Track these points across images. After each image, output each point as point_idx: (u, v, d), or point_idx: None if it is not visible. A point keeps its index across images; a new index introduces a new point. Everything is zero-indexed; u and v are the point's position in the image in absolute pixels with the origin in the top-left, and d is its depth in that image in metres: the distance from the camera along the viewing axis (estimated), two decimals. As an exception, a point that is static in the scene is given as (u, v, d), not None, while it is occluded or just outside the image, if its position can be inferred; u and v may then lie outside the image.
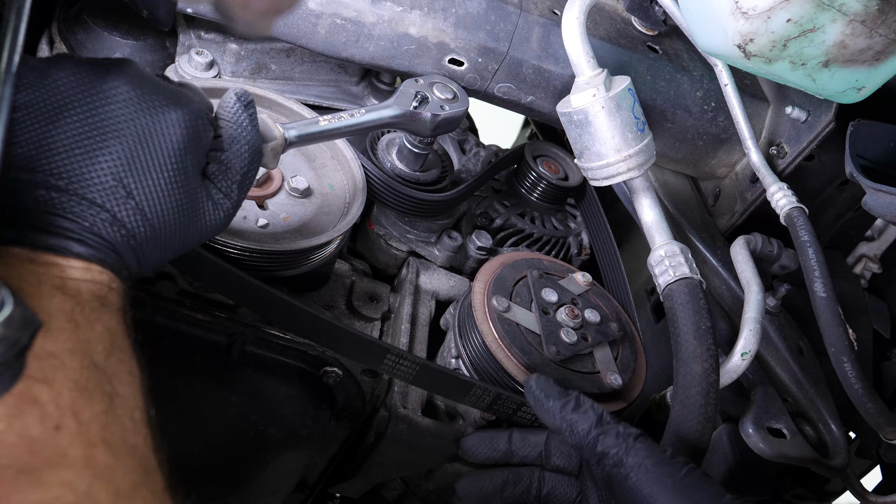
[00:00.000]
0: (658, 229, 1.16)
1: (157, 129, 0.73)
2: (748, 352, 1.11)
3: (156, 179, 0.72)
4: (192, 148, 0.76)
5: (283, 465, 1.14)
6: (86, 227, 0.69)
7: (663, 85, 1.33)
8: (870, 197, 1.13)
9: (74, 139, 0.69)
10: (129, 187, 0.71)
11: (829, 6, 0.93)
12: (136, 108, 0.72)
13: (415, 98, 1.13)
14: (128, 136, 0.71)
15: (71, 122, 0.69)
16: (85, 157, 0.69)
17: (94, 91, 0.71)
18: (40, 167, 0.67)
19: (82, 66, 0.72)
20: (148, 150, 0.72)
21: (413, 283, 1.31)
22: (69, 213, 0.68)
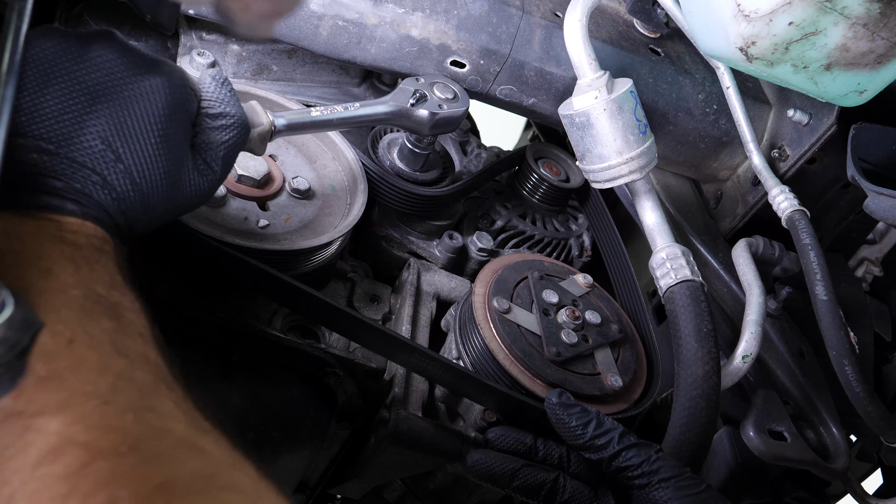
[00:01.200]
0: (660, 232, 1.16)
1: (142, 94, 0.75)
2: (749, 354, 1.11)
3: (143, 144, 0.74)
4: (177, 115, 0.78)
5: (283, 467, 1.14)
6: (77, 189, 0.70)
7: (665, 87, 1.33)
8: (871, 200, 1.13)
9: (63, 105, 0.71)
10: (117, 151, 0.72)
11: (831, 9, 0.93)
12: (122, 75, 0.74)
13: (412, 95, 1.13)
14: (114, 101, 0.73)
15: (59, 88, 0.71)
16: (74, 122, 0.71)
17: (80, 58, 0.73)
18: (31, 132, 0.69)
19: (68, 36, 0.74)
20: (134, 115, 0.74)
21: (414, 285, 1.31)
22: (61, 174, 0.70)
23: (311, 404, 1.12)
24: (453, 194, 1.30)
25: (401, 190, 1.24)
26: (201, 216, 1.03)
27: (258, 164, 1.09)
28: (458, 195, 1.34)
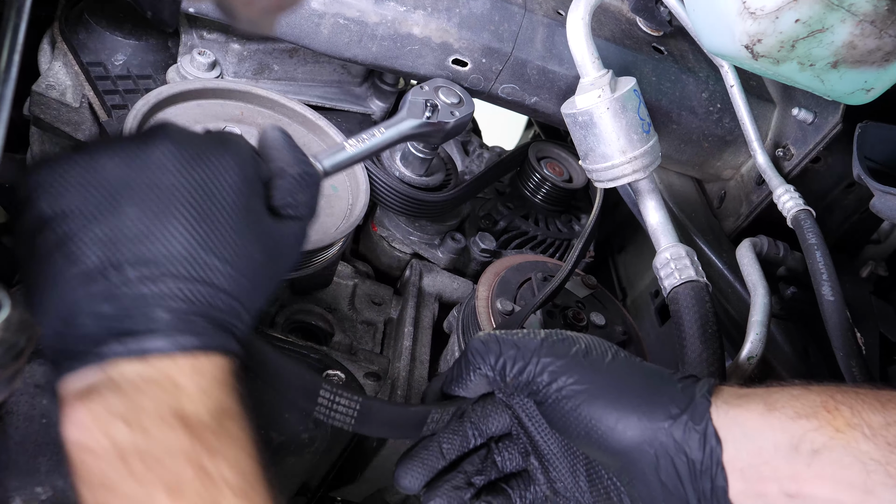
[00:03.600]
0: (663, 231, 1.15)
1: (213, 180, 0.72)
2: (754, 355, 1.10)
3: (229, 230, 0.71)
4: (251, 186, 0.75)
5: (285, 470, 1.13)
6: (185, 310, 0.67)
7: (669, 86, 1.32)
8: (878, 199, 1.12)
9: (143, 223, 0.67)
10: (211, 247, 0.70)
11: (838, 6, 0.92)
12: (187, 168, 0.71)
13: (426, 108, 1.12)
14: (189, 199, 0.70)
15: (133, 207, 0.67)
16: (160, 237, 0.67)
17: (143, 168, 0.69)
18: (119, 261, 0.66)
19: (124, 147, 0.71)
20: (213, 204, 0.71)
21: (416, 286, 1.30)
22: (164, 300, 0.66)
23: (312, 406, 1.11)
24: (457, 198, 1.30)
25: (405, 196, 1.23)
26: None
27: (259, 164, 1.09)
28: (462, 199, 1.33)
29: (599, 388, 0.82)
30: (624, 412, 0.80)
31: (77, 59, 1.24)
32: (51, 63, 1.26)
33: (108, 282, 0.64)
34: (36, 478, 0.93)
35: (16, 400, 0.93)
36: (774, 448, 0.76)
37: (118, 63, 1.27)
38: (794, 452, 0.75)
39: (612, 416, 0.81)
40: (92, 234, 0.65)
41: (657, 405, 0.80)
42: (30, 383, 0.94)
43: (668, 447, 0.79)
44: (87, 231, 0.65)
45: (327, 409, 0.84)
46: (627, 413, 0.80)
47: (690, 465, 0.78)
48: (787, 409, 0.77)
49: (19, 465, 0.92)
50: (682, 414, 0.79)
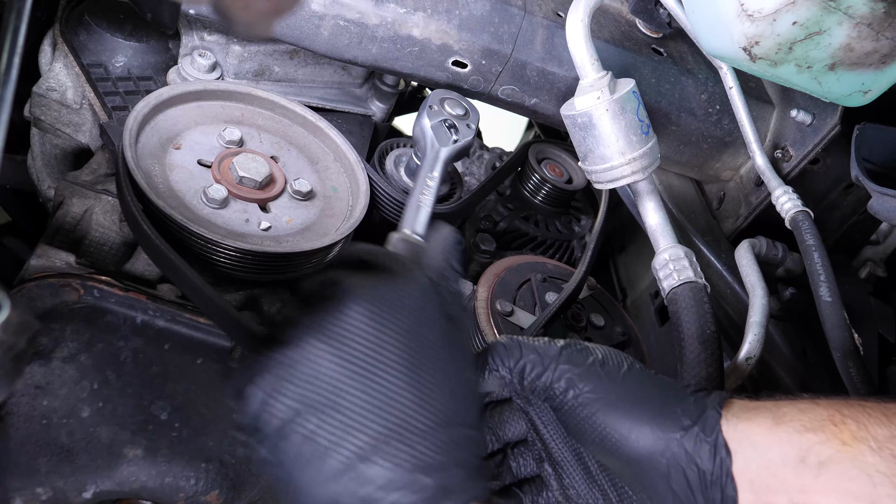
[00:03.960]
0: (662, 233, 1.15)
1: (417, 333, 0.76)
2: (753, 356, 1.10)
3: (445, 385, 0.75)
4: (442, 324, 0.79)
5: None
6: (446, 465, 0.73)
7: (668, 88, 1.32)
8: (875, 201, 1.13)
9: (369, 403, 0.71)
10: (441, 413, 0.74)
11: (835, 9, 0.92)
12: (387, 333, 0.74)
13: (451, 132, 1.13)
14: (402, 363, 0.73)
15: (356, 391, 0.71)
16: (389, 415, 0.71)
17: (349, 347, 0.73)
18: (363, 448, 0.70)
19: (321, 327, 0.74)
20: (425, 362, 0.75)
21: (416, 287, 1.30)
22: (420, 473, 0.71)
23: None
24: (463, 208, 1.29)
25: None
26: (203, 219, 1.02)
27: (259, 166, 1.09)
28: (468, 209, 1.32)
29: (614, 398, 0.83)
30: (637, 422, 0.82)
31: (78, 60, 1.25)
32: (51, 64, 1.26)
33: (359, 469, 0.68)
34: (36, 478, 0.93)
35: (16, 401, 0.93)
36: (783, 460, 0.77)
37: (119, 64, 1.27)
38: (801, 465, 0.75)
39: (625, 425, 0.82)
40: (332, 425, 0.69)
41: (670, 416, 0.81)
42: (30, 384, 0.94)
43: (679, 457, 0.80)
44: (327, 423, 0.69)
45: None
46: (641, 423, 0.82)
47: (701, 475, 0.79)
48: (794, 422, 0.78)
49: (19, 466, 0.92)
50: (693, 425, 0.80)
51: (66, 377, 0.97)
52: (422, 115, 1.15)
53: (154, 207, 0.98)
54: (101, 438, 0.97)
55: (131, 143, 1.03)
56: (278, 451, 0.71)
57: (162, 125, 1.10)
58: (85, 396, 0.97)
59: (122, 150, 1.01)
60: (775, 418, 0.79)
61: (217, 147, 1.12)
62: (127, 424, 0.99)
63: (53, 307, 0.98)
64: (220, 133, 1.13)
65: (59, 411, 0.95)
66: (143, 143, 1.06)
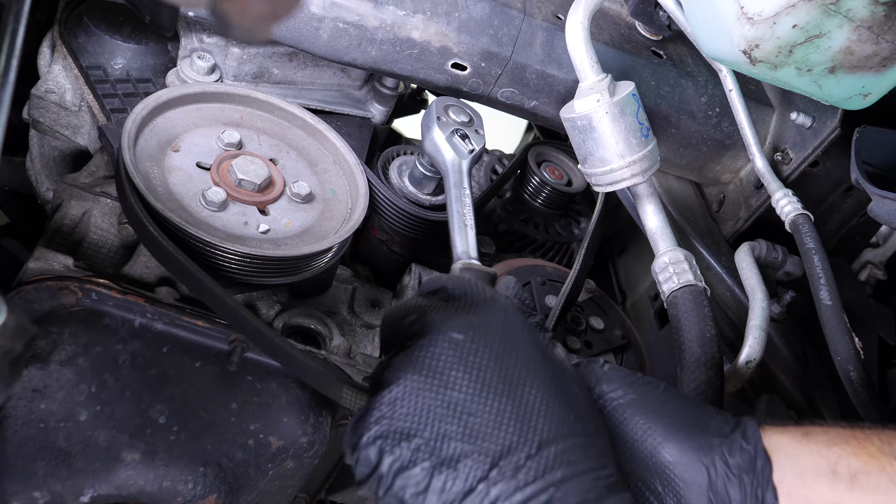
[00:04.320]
0: (662, 236, 1.15)
1: (517, 355, 0.77)
2: (753, 359, 1.10)
3: (553, 406, 0.75)
4: (541, 348, 0.80)
5: (284, 473, 1.13)
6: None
7: (667, 90, 1.32)
8: (875, 204, 1.12)
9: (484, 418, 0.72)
10: (555, 428, 0.74)
11: (835, 12, 0.92)
12: (496, 365, 0.75)
13: (464, 142, 1.13)
14: (509, 379, 0.74)
15: (480, 406, 0.72)
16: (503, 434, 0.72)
17: (445, 382, 0.73)
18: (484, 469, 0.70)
19: (422, 370, 0.74)
20: (525, 378, 0.75)
21: (415, 289, 1.30)
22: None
23: (311, 411, 1.11)
24: None
25: (415, 218, 1.22)
26: (201, 222, 1.02)
27: (258, 169, 1.09)
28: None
29: (655, 404, 0.83)
30: (677, 427, 0.81)
31: (76, 62, 1.24)
32: (50, 66, 1.26)
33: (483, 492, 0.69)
34: (33, 482, 0.93)
35: (13, 404, 0.93)
36: (815, 471, 0.76)
37: (117, 66, 1.27)
38: (833, 476, 0.75)
39: (665, 430, 0.81)
40: (448, 455, 0.70)
41: (708, 424, 0.81)
42: (27, 388, 0.94)
43: (718, 464, 0.79)
44: (443, 453, 0.70)
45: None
46: (680, 428, 0.81)
47: (741, 482, 0.79)
48: (821, 436, 0.78)
49: (17, 470, 0.92)
50: (733, 432, 0.80)
51: (63, 380, 0.96)
52: (431, 129, 1.14)
53: (153, 210, 0.98)
54: (98, 442, 0.97)
55: (130, 145, 1.02)
56: (404, 493, 0.71)
57: (161, 127, 1.10)
58: (83, 400, 0.97)
59: (121, 152, 1.01)
60: (803, 432, 0.79)
61: (216, 149, 1.12)
62: (125, 428, 0.99)
63: (51, 310, 0.98)
64: (219, 135, 1.13)
65: (56, 415, 0.95)
66: (142, 146, 1.06)
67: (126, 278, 1.07)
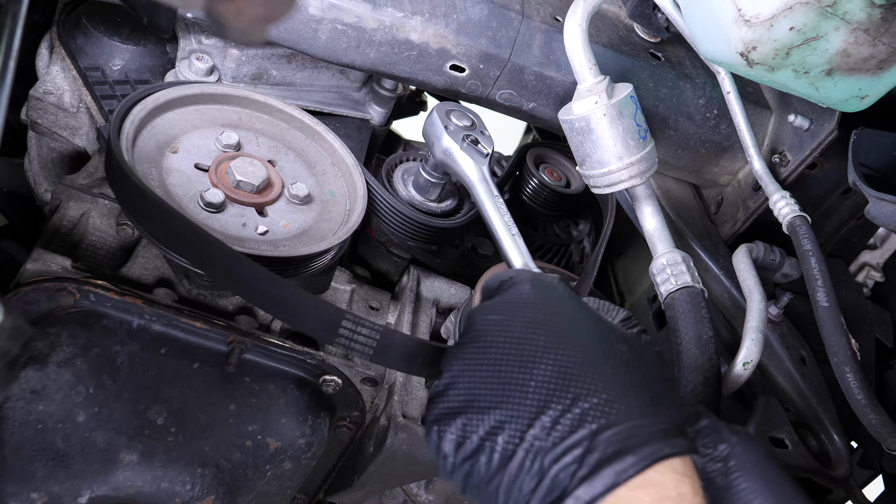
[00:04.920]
0: (660, 237, 1.15)
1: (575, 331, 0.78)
2: (750, 361, 1.10)
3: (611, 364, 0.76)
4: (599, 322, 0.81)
5: (282, 475, 1.13)
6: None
7: (665, 92, 1.32)
8: (873, 206, 1.13)
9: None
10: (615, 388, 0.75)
11: (832, 14, 0.92)
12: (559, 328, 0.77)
13: (477, 147, 1.13)
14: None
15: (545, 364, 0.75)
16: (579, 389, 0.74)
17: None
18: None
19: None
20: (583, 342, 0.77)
21: (414, 291, 1.30)
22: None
23: (309, 412, 1.11)
24: (470, 223, 1.28)
25: (414, 223, 1.21)
26: (200, 223, 1.02)
27: (257, 170, 1.09)
28: (473, 223, 1.31)
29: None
30: None
31: (75, 63, 1.25)
32: (48, 67, 1.26)
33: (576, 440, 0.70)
34: (31, 484, 0.93)
35: (11, 406, 0.93)
36: None
37: (116, 68, 1.27)
38: None
39: None
40: (496, 419, 0.72)
41: None
42: (25, 389, 0.94)
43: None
44: (491, 417, 0.73)
45: (348, 339, 0.85)
46: None
47: None
48: None
49: (15, 471, 0.92)
50: None
51: (61, 382, 0.97)
52: (442, 139, 1.13)
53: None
54: (96, 443, 0.97)
55: (128, 146, 1.02)
56: (463, 468, 0.73)
57: (159, 129, 1.10)
58: (80, 401, 0.97)
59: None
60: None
61: (214, 151, 1.12)
62: (123, 429, 0.99)
63: (49, 311, 0.98)
64: (218, 137, 1.13)
65: (54, 416, 0.95)
66: (141, 147, 1.06)
67: (124, 279, 1.07)
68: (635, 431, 0.71)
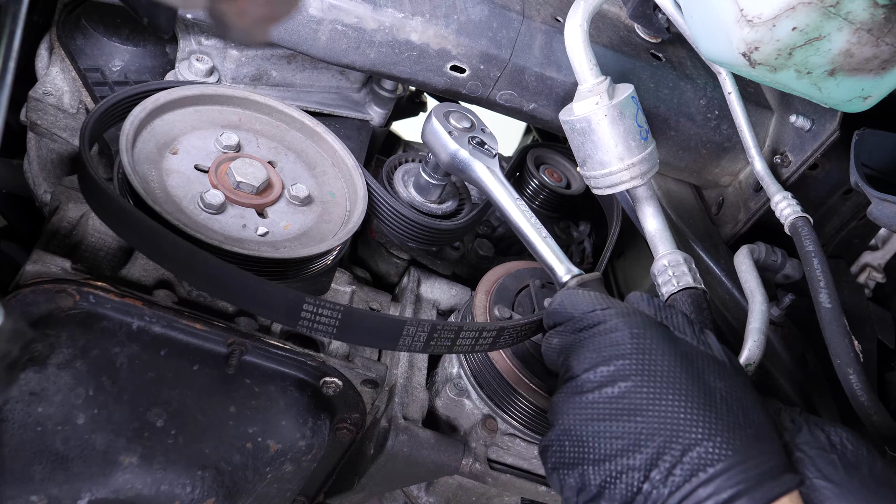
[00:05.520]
0: (661, 238, 1.15)
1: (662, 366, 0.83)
2: (752, 362, 1.10)
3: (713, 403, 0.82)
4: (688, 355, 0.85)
5: (282, 477, 1.13)
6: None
7: (666, 93, 1.32)
8: (875, 207, 1.12)
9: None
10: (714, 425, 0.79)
11: (835, 14, 0.92)
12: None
13: (482, 149, 1.13)
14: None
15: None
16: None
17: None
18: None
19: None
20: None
21: (414, 292, 1.30)
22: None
23: (309, 414, 1.11)
24: (470, 224, 1.28)
25: (415, 224, 1.21)
26: (200, 225, 1.02)
27: (257, 171, 1.09)
28: (474, 224, 1.30)
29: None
30: None
31: (74, 64, 1.24)
32: (48, 68, 1.26)
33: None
34: (30, 486, 0.92)
35: (10, 408, 0.92)
36: None
37: (116, 69, 1.27)
38: None
39: None
40: (611, 469, 0.78)
41: None
42: (25, 391, 0.93)
43: None
44: (607, 467, 0.79)
45: (310, 321, 0.86)
46: None
47: None
48: None
49: (14, 473, 0.92)
50: None
51: (61, 383, 0.96)
52: (445, 142, 1.12)
53: (151, 213, 0.97)
54: (96, 445, 0.97)
55: (128, 147, 1.02)
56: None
57: (159, 130, 1.09)
58: (80, 403, 0.97)
59: (119, 155, 1.01)
60: None
61: (214, 152, 1.11)
62: (122, 431, 0.99)
63: (49, 313, 0.97)
64: (218, 138, 1.12)
65: (53, 418, 0.95)
66: (140, 148, 1.05)
67: (124, 281, 1.07)
68: (746, 474, 0.75)
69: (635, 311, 0.88)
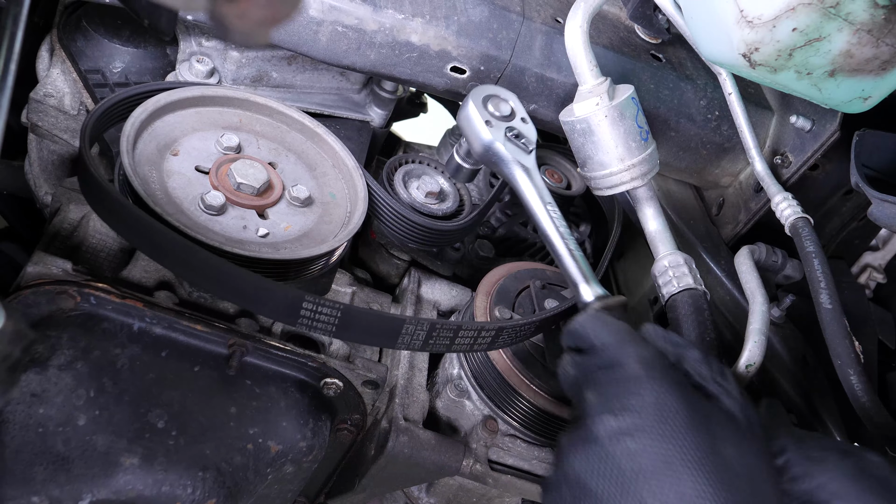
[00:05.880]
0: (662, 239, 1.15)
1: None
2: (753, 363, 1.10)
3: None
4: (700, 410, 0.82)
5: (283, 478, 1.13)
6: None
7: (667, 94, 1.32)
8: (875, 207, 1.12)
9: None
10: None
11: (835, 15, 0.92)
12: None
13: (519, 143, 1.06)
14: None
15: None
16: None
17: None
18: None
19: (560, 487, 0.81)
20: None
21: (414, 293, 1.30)
22: None
23: (310, 415, 1.11)
24: (471, 225, 1.28)
25: (414, 225, 1.21)
26: (200, 226, 1.02)
27: (257, 172, 1.09)
28: (475, 226, 1.30)
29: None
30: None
31: (75, 66, 1.24)
32: (49, 70, 1.26)
33: None
34: (31, 487, 0.92)
35: (12, 409, 0.92)
36: None
37: (116, 70, 1.27)
38: None
39: None
40: None
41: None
42: (26, 392, 0.94)
43: None
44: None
45: (310, 319, 0.85)
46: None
47: None
48: None
49: (15, 475, 0.92)
50: None
51: (62, 385, 0.96)
52: (479, 133, 1.04)
53: (152, 214, 0.97)
54: (97, 447, 0.97)
55: (129, 149, 1.02)
56: None
57: (160, 131, 1.09)
58: (81, 404, 0.97)
59: (120, 156, 1.01)
60: None
61: (215, 153, 1.11)
62: (123, 432, 0.99)
63: (50, 314, 0.97)
64: (218, 139, 1.12)
65: (55, 419, 0.95)
66: (141, 150, 1.06)
67: (125, 282, 1.07)
68: None
69: (655, 358, 0.85)
